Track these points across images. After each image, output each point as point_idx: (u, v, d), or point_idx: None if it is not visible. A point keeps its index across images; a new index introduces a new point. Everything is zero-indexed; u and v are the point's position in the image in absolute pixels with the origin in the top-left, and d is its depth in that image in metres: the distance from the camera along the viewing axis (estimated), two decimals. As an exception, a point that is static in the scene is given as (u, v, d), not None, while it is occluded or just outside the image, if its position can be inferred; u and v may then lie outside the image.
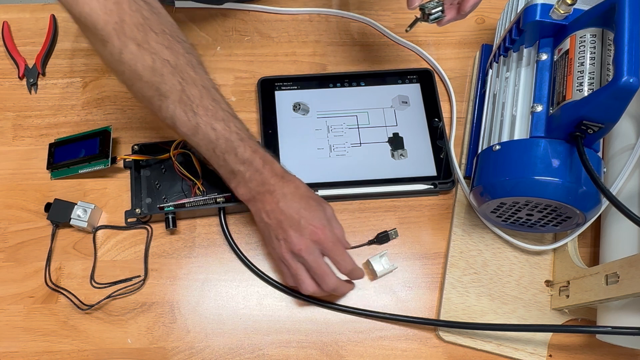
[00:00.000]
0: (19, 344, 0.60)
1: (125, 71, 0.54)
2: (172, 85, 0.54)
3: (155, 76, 0.53)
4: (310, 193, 0.58)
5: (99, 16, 0.50)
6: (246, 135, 0.57)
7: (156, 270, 0.63)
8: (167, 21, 0.55)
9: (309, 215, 0.56)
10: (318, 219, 0.57)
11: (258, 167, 0.57)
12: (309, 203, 0.57)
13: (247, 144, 0.57)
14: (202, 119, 0.55)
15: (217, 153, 0.56)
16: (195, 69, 0.56)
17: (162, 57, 0.53)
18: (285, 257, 0.57)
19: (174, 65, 0.54)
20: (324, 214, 0.58)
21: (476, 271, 0.64)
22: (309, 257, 0.56)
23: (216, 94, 0.57)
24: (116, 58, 0.53)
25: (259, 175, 0.57)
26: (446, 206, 0.68)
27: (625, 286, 0.50)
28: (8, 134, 0.69)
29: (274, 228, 0.57)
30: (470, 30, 0.78)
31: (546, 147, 0.54)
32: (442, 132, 0.70)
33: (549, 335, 0.61)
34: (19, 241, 0.64)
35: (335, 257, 0.57)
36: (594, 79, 0.53)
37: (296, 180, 0.59)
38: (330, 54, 0.76)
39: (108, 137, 0.66)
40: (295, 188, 0.57)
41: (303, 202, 0.57)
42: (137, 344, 0.60)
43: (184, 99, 0.54)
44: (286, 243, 0.56)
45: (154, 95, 0.54)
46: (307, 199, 0.57)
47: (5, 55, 0.74)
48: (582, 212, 0.54)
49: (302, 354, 0.60)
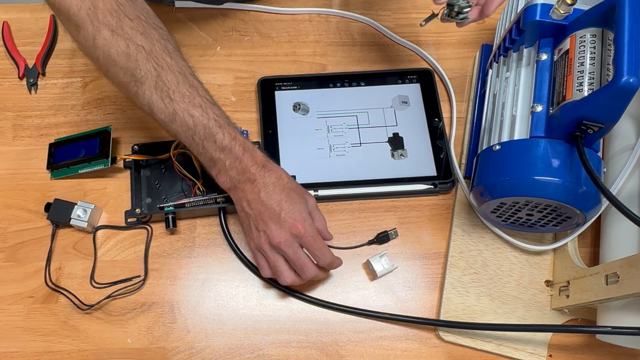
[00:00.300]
0: (19, 344, 0.60)
1: (99, 57, 0.54)
2: (147, 71, 0.54)
3: (130, 62, 0.53)
4: (292, 184, 0.58)
5: (72, 2, 0.51)
6: (225, 121, 0.57)
7: (156, 270, 0.63)
8: (142, 8, 0.55)
9: (290, 207, 0.56)
10: (299, 212, 0.56)
11: (237, 154, 0.56)
12: (290, 195, 0.56)
13: (225, 131, 0.56)
14: (179, 105, 0.55)
15: (196, 140, 0.56)
16: (172, 55, 0.55)
17: (136, 43, 0.53)
18: (264, 249, 0.57)
19: (149, 51, 0.54)
20: (305, 206, 0.57)
21: (476, 271, 0.64)
22: (288, 250, 0.56)
23: (194, 80, 0.57)
24: (90, 44, 0.53)
25: (238, 163, 0.56)
26: (446, 206, 0.68)
27: (625, 286, 0.50)
28: (8, 134, 0.69)
29: (254, 218, 0.57)
30: (470, 30, 0.78)
31: (546, 147, 0.54)
32: (442, 132, 0.70)
33: (549, 335, 0.61)
34: (19, 241, 0.64)
35: (314, 251, 0.57)
36: (594, 79, 0.53)
37: (278, 170, 0.57)
38: (330, 54, 0.76)
39: (108, 137, 0.66)
40: (277, 178, 0.56)
41: (284, 194, 0.56)
42: (137, 344, 0.60)
43: (160, 85, 0.54)
44: (265, 235, 0.56)
45: (130, 81, 0.54)
46: (289, 190, 0.57)
47: (5, 55, 0.74)
48: (582, 212, 0.54)
49: (302, 354, 0.60)
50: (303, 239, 0.56)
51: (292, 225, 0.55)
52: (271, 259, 0.57)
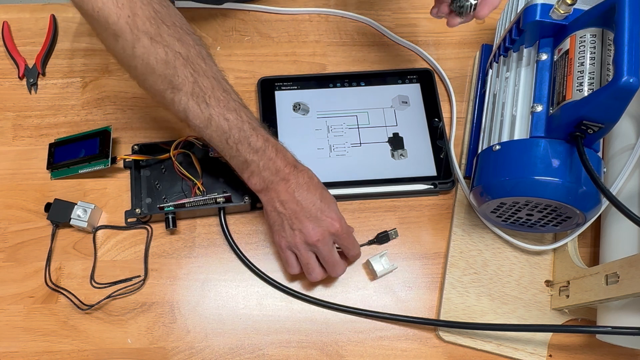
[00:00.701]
0: (19, 344, 0.60)
1: (137, 66, 0.53)
2: (184, 78, 0.54)
3: (169, 69, 0.53)
4: (321, 184, 0.60)
5: (112, 10, 0.50)
6: (257, 124, 0.58)
7: (156, 270, 0.63)
8: (176, 13, 0.55)
9: (326, 207, 0.58)
10: (335, 211, 0.58)
11: (271, 155, 0.57)
12: (323, 194, 0.58)
13: (259, 133, 0.57)
14: (214, 109, 0.55)
15: (230, 144, 0.56)
16: (206, 60, 0.56)
17: (174, 50, 0.53)
18: (298, 247, 0.58)
19: (186, 57, 0.54)
20: (336, 205, 0.60)
21: (476, 271, 0.64)
22: (323, 248, 0.58)
23: (226, 85, 0.57)
24: (129, 53, 0.52)
25: (272, 164, 0.57)
26: (446, 206, 0.68)
27: (625, 286, 0.50)
28: (8, 134, 0.69)
29: (288, 217, 0.58)
30: (470, 30, 0.78)
31: (546, 147, 0.54)
32: (442, 132, 0.70)
33: (549, 335, 0.61)
34: (19, 241, 0.64)
35: (349, 245, 0.60)
36: (594, 79, 0.53)
37: (309, 171, 0.59)
38: (330, 54, 0.76)
39: (108, 137, 0.66)
40: (309, 178, 0.58)
41: (318, 193, 0.58)
42: (137, 344, 0.60)
43: (197, 91, 0.55)
44: (301, 234, 0.57)
45: (167, 88, 0.54)
46: (322, 190, 0.59)
47: (5, 55, 0.74)
48: (582, 212, 0.54)
49: (302, 354, 0.60)
50: (340, 236, 0.58)
51: (330, 224, 0.57)
52: (304, 256, 0.59)
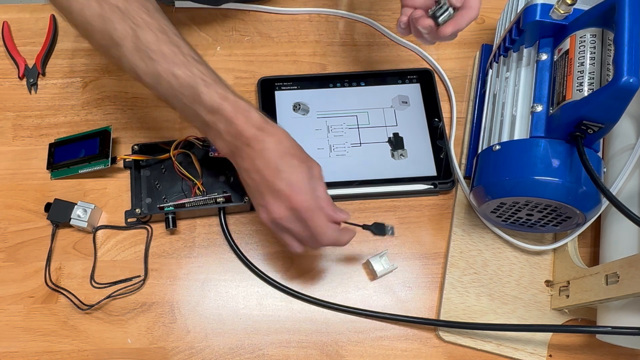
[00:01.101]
0: (19, 344, 0.60)
1: (77, 23, 0.52)
2: (124, 32, 0.50)
3: (106, 23, 0.50)
4: (294, 149, 0.51)
5: None
6: (212, 79, 0.51)
7: (156, 270, 0.63)
8: None
9: (288, 177, 0.50)
10: (297, 182, 0.50)
11: (229, 116, 0.50)
12: (290, 162, 0.50)
13: (213, 89, 0.50)
14: (161, 65, 0.50)
15: (186, 103, 0.51)
16: (151, 13, 0.52)
17: (110, 3, 0.50)
18: (267, 225, 0.53)
19: (124, 10, 0.50)
20: (306, 174, 0.51)
21: (476, 271, 0.64)
22: (291, 226, 0.52)
23: (176, 38, 0.52)
24: (67, 10, 0.51)
25: (232, 127, 0.50)
26: (446, 206, 0.68)
27: (625, 286, 0.50)
28: (8, 134, 0.69)
29: (252, 191, 0.52)
30: (470, 30, 0.78)
31: (546, 147, 0.54)
32: (442, 132, 0.70)
33: (549, 335, 0.61)
34: (19, 241, 0.64)
35: (314, 228, 0.51)
36: (594, 79, 0.53)
37: (278, 133, 0.51)
38: (330, 54, 0.76)
39: (108, 137, 0.66)
40: (277, 143, 0.50)
41: (284, 161, 0.50)
42: (137, 344, 0.60)
43: (139, 45, 0.50)
44: (265, 210, 0.52)
45: (109, 44, 0.51)
46: (289, 157, 0.51)
47: (5, 55, 0.74)
48: (582, 212, 0.54)
49: (302, 354, 0.60)
50: (300, 213, 0.50)
51: (288, 197, 0.50)
52: (277, 234, 0.53)
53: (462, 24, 0.56)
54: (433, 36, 0.58)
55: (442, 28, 0.56)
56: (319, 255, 0.65)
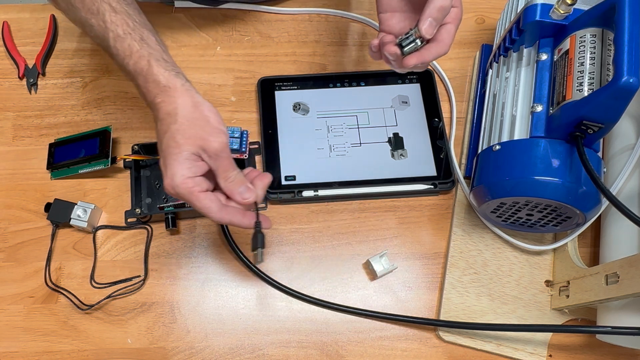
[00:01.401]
0: (19, 344, 0.60)
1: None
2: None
3: None
4: (180, 124, 0.49)
5: None
6: (133, 28, 0.52)
7: (156, 270, 0.63)
8: None
9: (163, 161, 0.49)
10: (170, 167, 0.49)
11: (142, 68, 0.51)
12: (168, 142, 0.49)
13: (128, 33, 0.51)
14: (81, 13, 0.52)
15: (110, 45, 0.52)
16: None
17: None
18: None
19: None
20: (178, 156, 0.49)
21: (476, 271, 0.64)
22: (184, 200, 0.50)
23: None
24: None
25: (143, 81, 0.51)
26: (446, 206, 0.68)
27: (625, 286, 0.50)
28: (8, 134, 0.69)
29: None
30: (470, 30, 0.78)
31: (546, 147, 0.54)
32: (442, 132, 0.70)
33: (549, 335, 0.61)
34: (19, 241, 0.64)
35: (199, 211, 0.50)
36: (594, 79, 0.53)
37: (174, 100, 0.49)
38: (330, 54, 0.76)
39: (108, 137, 0.66)
40: (166, 114, 0.49)
41: (166, 137, 0.49)
42: (137, 344, 0.60)
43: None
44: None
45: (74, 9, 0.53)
46: (174, 133, 0.49)
47: (5, 55, 0.74)
48: (582, 212, 0.54)
49: (302, 354, 0.60)
50: (179, 196, 0.50)
51: (166, 181, 0.49)
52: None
53: (426, 58, 0.54)
54: (399, 64, 0.56)
55: (406, 59, 0.54)
56: (319, 255, 0.65)
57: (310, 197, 0.66)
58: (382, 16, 0.57)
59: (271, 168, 0.67)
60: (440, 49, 0.54)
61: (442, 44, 0.54)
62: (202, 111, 0.50)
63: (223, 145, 0.49)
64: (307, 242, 0.65)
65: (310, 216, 0.66)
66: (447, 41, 0.54)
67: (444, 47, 0.54)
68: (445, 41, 0.54)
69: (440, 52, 0.54)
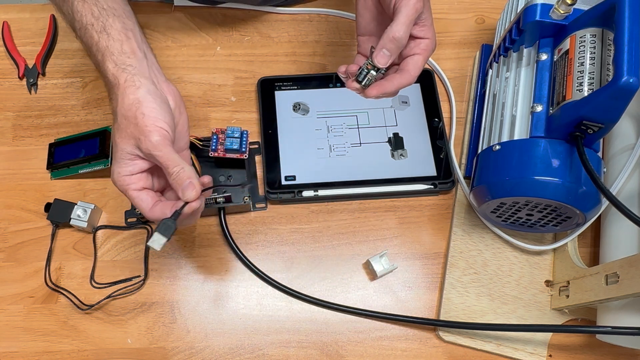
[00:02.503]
0: (19, 344, 0.60)
1: None
2: None
3: None
4: (129, 113, 0.49)
5: None
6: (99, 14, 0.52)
7: (156, 270, 0.63)
8: None
9: (115, 146, 0.50)
10: (113, 162, 0.51)
11: (101, 46, 0.51)
12: (113, 140, 0.50)
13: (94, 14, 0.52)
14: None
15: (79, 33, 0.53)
16: None
17: None
18: None
19: None
20: (125, 147, 0.50)
21: (476, 271, 0.64)
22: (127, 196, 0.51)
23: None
24: None
25: (102, 62, 0.51)
26: (446, 206, 0.68)
27: (625, 286, 0.50)
28: (8, 134, 0.69)
29: None
30: (470, 30, 0.78)
31: (546, 147, 0.54)
32: (442, 132, 0.70)
33: (549, 335, 0.61)
34: (19, 241, 0.64)
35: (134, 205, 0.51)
36: (594, 79, 0.53)
37: (117, 97, 0.50)
38: (330, 54, 0.76)
39: (108, 137, 0.66)
40: (113, 112, 0.50)
41: (113, 136, 0.50)
42: (137, 344, 0.60)
43: None
44: None
45: None
46: (123, 122, 0.49)
47: (5, 55, 0.74)
48: (582, 212, 0.54)
49: (302, 354, 0.60)
50: (119, 189, 0.51)
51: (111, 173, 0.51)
52: None
53: (387, 89, 0.53)
54: (364, 96, 0.54)
55: (368, 90, 0.53)
56: (319, 255, 0.65)
57: (310, 197, 0.66)
58: (360, 39, 0.57)
59: (271, 168, 0.67)
60: (403, 79, 0.52)
61: (406, 75, 0.53)
62: (137, 108, 0.49)
63: (155, 145, 0.48)
64: (307, 242, 0.65)
65: (310, 216, 0.66)
66: (413, 72, 0.53)
67: (408, 77, 0.53)
68: (411, 72, 0.52)
69: (404, 82, 0.52)
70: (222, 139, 0.64)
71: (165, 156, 0.49)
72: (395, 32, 0.50)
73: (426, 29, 0.53)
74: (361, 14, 0.57)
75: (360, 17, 0.57)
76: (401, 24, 0.50)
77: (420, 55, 0.53)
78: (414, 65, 0.53)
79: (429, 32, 0.53)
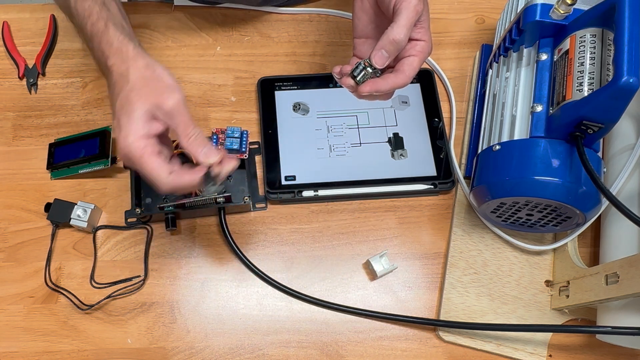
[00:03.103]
0: (19, 344, 0.60)
1: None
2: None
3: None
4: (136, 83, 0.48)
5: None
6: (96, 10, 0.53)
7: (156, 270, 0.63)
8: None
9: (121, 119, 0.47)
10: (124, 126, 0.47)
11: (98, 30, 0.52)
12: (122, 104, 0.48)
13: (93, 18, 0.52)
14: None
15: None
16: None
17: None
18: None
19: None
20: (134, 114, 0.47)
21: (476, 271, 0.64)
22: (135, 167, 0.48)
23: None
24: None
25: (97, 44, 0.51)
26: (446, 206, 0.68)
27: (625, 286, 0.50)
28: (8, 134, 0.69)
29: None
30: (470, 30, 0.78)
31: (546, 147, 0.54)
32: (442, 132, 0.70)
33: (549, 335, 0.61)
34: (19, 241, 0.64)
35: (148, 177, 0.48)
36: (594, 79, 0.53)
37: (128, 60, 0.49)
38: (330, 54, 0.76)
39: (108, 137, 0.66)
40: (119, 75, 0.49)
41: (121, 100, 0.48)
42: (137, 344, 0.60)
43: None
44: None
45: None
46: (128, 93, 0.48)
47: (5, 55, 0.74)
48: (582, 212, 0.54)
49: (302, 354, 0.60)
50: (131, 161, 0.48)
51: (119, 143, 0.48)
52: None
53: (381, 87, 0.52)
54: (356, 94, 0.54)
55: (361, 87, 0.53)
56: (319, 255, 0.65)
57: (310, 197, 0.66)
58: (356, 41, 0.58)
59: (271, 168, 0.67)
60: (398, 80, 0.52)
61: (401, 76, 0.52)
62: (154, 70, 0.49)
63: (179, 102, 0.48)
64: (307, 242, 0.65)
65: (310, 216, 0.66)
66: (408, 73, 0.52)
67: (403, 78, 0.52)
68: (406, 73, 0.52)
69: (398, 83, 0.52)
70: (222, 139, 0.64)
71: (187, 117, 0.48)
72: (396, 34, 0.50)
73: (423, 31, 0.53)
74: (358, 16, 0.57)
75: (357, 19, 0.57)
76: (402, 27, 0.50)
77: (416, 57, 0.53)
78: (409, 66, 0.52)
79: (426, 34, 0.53)
